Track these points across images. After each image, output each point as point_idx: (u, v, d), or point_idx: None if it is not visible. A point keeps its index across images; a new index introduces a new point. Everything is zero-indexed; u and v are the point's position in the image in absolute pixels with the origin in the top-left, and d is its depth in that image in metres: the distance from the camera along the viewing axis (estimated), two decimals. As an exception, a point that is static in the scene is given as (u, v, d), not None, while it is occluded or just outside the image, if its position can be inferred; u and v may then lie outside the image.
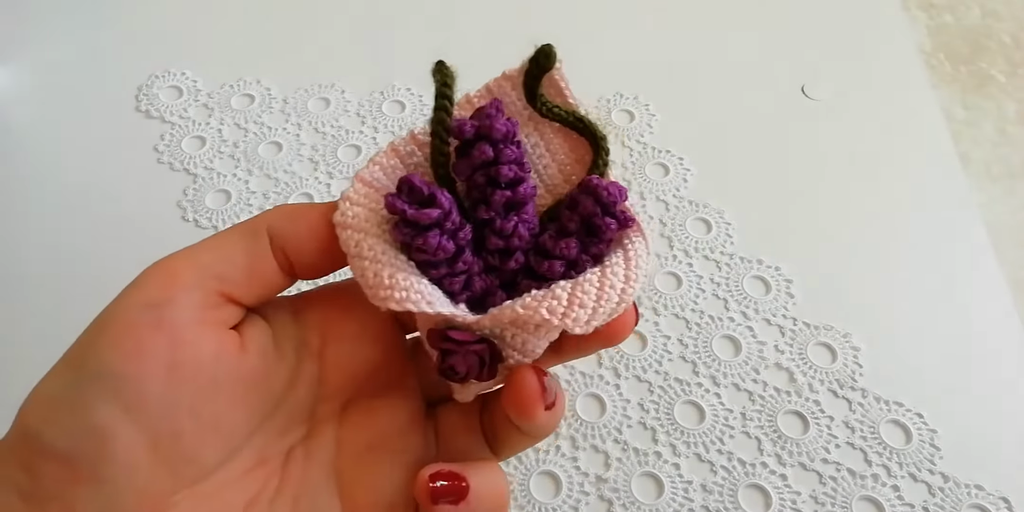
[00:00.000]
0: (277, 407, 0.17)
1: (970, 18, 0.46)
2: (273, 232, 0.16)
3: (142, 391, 0.14)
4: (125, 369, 0.14)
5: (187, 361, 0.15)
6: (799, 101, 0.39)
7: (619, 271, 0.16)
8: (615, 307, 0.15)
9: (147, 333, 0.14)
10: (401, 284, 0.15)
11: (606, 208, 0.16)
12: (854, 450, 0.28)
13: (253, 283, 0.16)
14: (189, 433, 0.15)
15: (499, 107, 0.17)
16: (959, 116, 0.42)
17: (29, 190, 0.36)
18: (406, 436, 0.18)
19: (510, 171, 0.16)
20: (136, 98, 0.39)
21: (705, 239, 0.34)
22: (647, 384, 0.30)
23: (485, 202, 0.17)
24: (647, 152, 0.37)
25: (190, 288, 0.15)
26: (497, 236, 0.17)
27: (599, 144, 0.17)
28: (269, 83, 0.40)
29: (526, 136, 0.18)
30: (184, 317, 0.15)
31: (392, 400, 0.18)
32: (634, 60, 0.41)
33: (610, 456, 0.28)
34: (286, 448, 0.17)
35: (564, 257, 0.16)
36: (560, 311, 0.15)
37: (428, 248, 0.16)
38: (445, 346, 0.16)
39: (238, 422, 0.16)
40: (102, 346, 0.14)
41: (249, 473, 0.16)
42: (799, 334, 0.31)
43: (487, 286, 0.17)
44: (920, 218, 0.35)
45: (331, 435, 0.17)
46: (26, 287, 0.33)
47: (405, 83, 0.40)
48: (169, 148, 0.37)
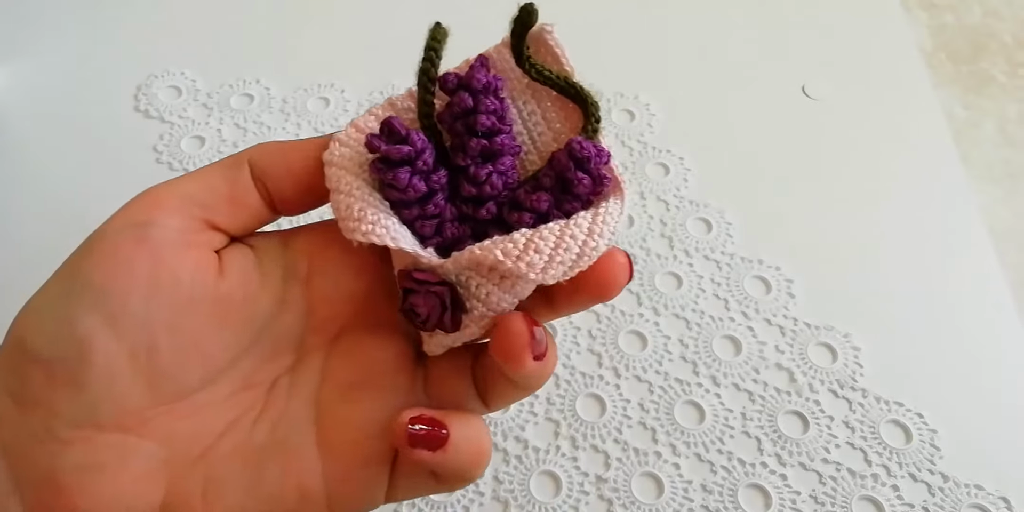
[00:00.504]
0: (263, 332, 0.17)
1: (971, 18, 0.46)
2: (254, 165, 0.17)
3: (122, 304, 0.15)
4: (107, 283, 0.15)
5: (166, 278, 0.15)
6: (799, 101, 0.39)
7: (583, 223, 0.16)
8: (575, 258, 0.15)
9: (130, 250, 0.15)
10: (368, 217, 0.16)
11: (579, 163, 0.16)
12: (854, 450, 0.28)
13: (235, 211, 0.17)
14: (167, 349, 0.15)
15: (484, 62, 0.18)
16: (960, 116, 0.42)
17: (27, 190, 0.36)
18: (392, 376, 0.18)
19: (488, 120, 0.17)
20: (135, 98, 0.39)
21: (705, 239, 0.34)
22: (647, 384, 0.30)
23: (463, 150, 0.17)
24: (647, 152, 0.37)
25: (172, 212, 0.16)
26: (470, 183, 0.17)
27: (588, 107, 0.17)
28: (268, 83, 0.40)
29: (523, 103, 0.18)
30: (166, 237, 0.16)
31: (382, 338, 0.18)
32: (634, 59, 0.41)
33: (610, 456, 0.28)
34: (273, 376, 0.17)
35: (534, 210, 0.16)
36: (515, 254, 0.15)
37: (399, 184, 0.16)
38: (407, 285, 0.16)
39: (220, 343, 0.16)
40: (88, 262, 0.15)
41: (233, 396, 0.17)
42: (799, 334, 0.31)
43: (458, 235, 0.17)
44: (920, 219, 0.35)
45: (317, 367, 0.18)
46: (25, 287, 0.33)
47: (405, 82, 0.40)
48: (168, 148, 0.37)
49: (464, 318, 0.16)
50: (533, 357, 0.16)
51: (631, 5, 0.43)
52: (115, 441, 0.15)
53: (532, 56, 0.18)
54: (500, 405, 0.18)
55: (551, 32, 0.18)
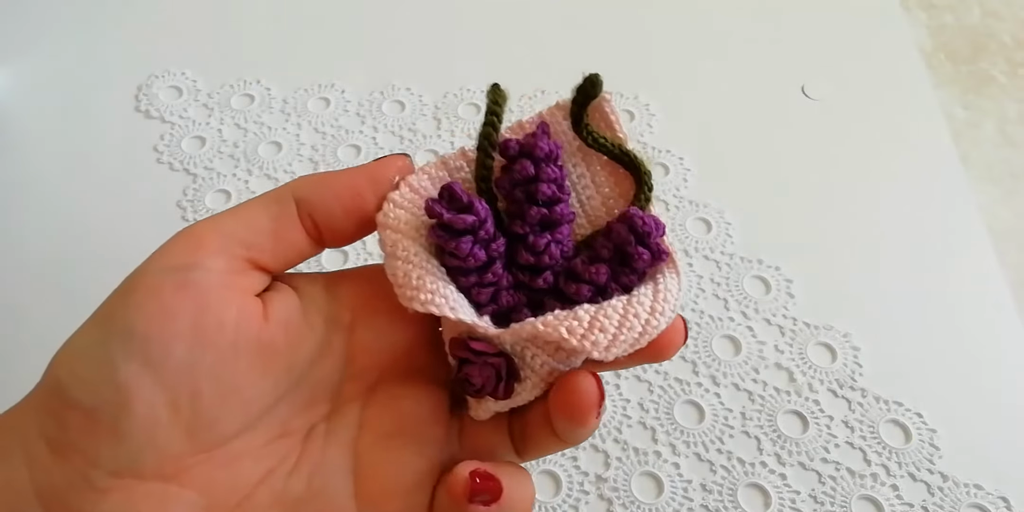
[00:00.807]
0: (302, 380, 0.17)
1: (970, 18, 0.46)
2: (300, 198, 0.17)
3: (165, 351, 0.15)
4: (149, 330, 0.15)
5: (209, 325, 0.15)
6: (799, 101, 0.39)
7: (646, 302, 0.16)
8: (637, 337, 0.15)
9: (172, 295, 0.15)
10: (428, 287, 0.16)
11: (640, 238, 0.16)
12: (853, 449, 0.28)
13: (279, 248, 0.16)
14: (208, 396, 0.15)
15: (545, 129, 0.18)
16: (959, 116, 0.42)
17: (29, 190, 0.36)
18: (429, 427, 0.18)
19: (548, 189, 0.17)
20: (136, 98, 0.39)
21: (705, 239, 0.34)
22: (647, 384, 0.30)
23: (521, 217, 0.17)
24: (647, 152, 0.37)
25: (215, 253, 0.16)
26: (529, 252, 0.17)
27: (643, 178, 0.18)
28: (269, 83, 0.40)
29: (573, 166, 0.18)
30: (209, 281, 0.15)
31: (419, 388, 0.18)
32: (634, 60, 0.41)
33: (610, 455, 0.28)
34: (309, 424, 0.17)
35: (593, 282, 0.16)
36: (580, 332, 0.15)
37: (460, 253, 0.16)
38: (463, 355, 0.16)
39: (259, 390, 0.16)
40: (129, 307, 0.15)
41: (269, 444, 0.16)
42: (799, 334, 0.31)
43: (514, 302, 0.17)
44: (920, 218, 0.35)
45: (355, 416, 0.17)
46: (26, 286, 0.33)
47: (405, 83, 0.40)
48: (169, 148, 0.37)
49: (516, 386, 0.16)
50: (596, 415, 0.16)
51: (631, 5, 0.43)
52: (155, 490, 0.15)
53: (592, 125, 0.18)
54: (535, 457, 0.18)
55: (609, 100, 0.18)
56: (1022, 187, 0.39)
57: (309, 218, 0.17)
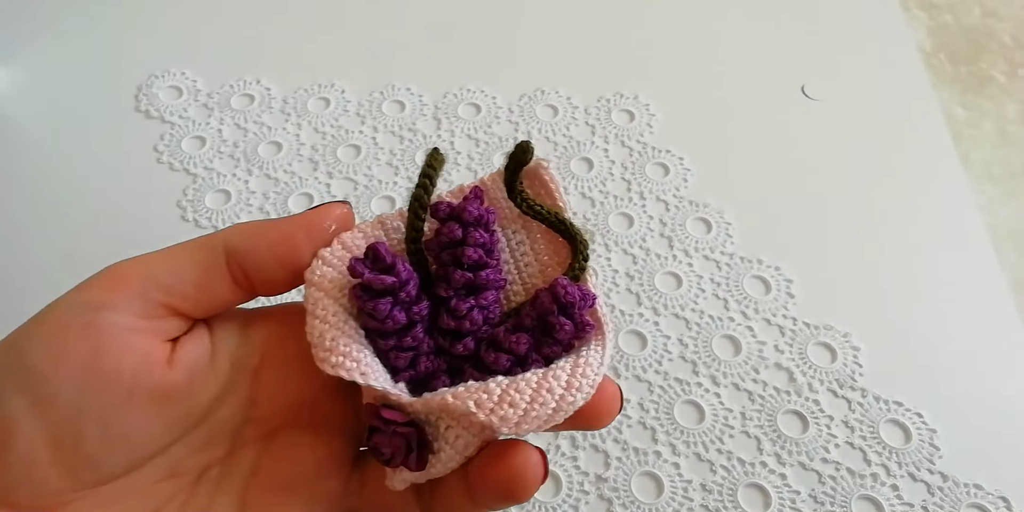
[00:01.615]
0: (200, 422, 0.16)
1: (970, 18, 0.46)
2: (231, 247, 0.16)
3: (54, 391, 0.14)
4: (43, 367, 0.14)
5: (105, 370, 0.15)
6: (799, 101, 0.39)
7: (562, 376, 0.15)
8: (550, 413, 0.15)
9: (75, 335, 0.15)
10: (340, 349, 0.15)
11: (563, 308, 0.16)
12: (853, 449, 0.28)
13: (201, 297, 0.16)
14: (93, 439, 0.15)
15: (478, 194, 0.18)
16: (959, 116, 0.42)
17: (28, 190, 0.36)
18: (324, 480, 0.17)
19: (474, 253, 0.17)
20: (136, 98, 0.39)
21: (705, 239, 0.34)
22: (647, 384, 0.30)
23: (447, 281, 0.17)
24: (647, 152, 0.37)
25: (132, 295, 0.15)
26: (450, 316, 0.17)
27: (578, 246, 0.17)
28: (269, 83, 0.40)
29: (513, 232, 0.18)
30: (117, 323, 0.15)
31: (320, 438, 0.17)
32: (634, 60, 0.41)
33: (610, 455, 0.28)
34: (203, 465, 0.17)
35: (512, 352, 0.16)
36: (489, 406, 0.14)
37: (378, 314, 0.16)
38: (373, 423, 0.16)
39: (151, 435, 0.16)
40: (30, 340, 0.15)
41: (158, 484, 0.16)
42: (799, 334, 0.31)
43: (432, 368, 0.17)
44: (920, 218, 0.35)
45: (249, 461, 0.17)
46: (25, 287, 0.33)
47: (405, 83, 0.40)
48: (169, 148, 0.37)
49: (431, 458, 0.16)
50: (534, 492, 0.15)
51: (631, 4, 0.43)
52: None
53: (526, 189, 0.18)
54: None
55: (547, 167, 0.18)
56: (1022, 187, 0.39)
57: (239, 268, 0.16)
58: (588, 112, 0.39)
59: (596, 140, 0.38)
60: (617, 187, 0.36)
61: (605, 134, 0.38)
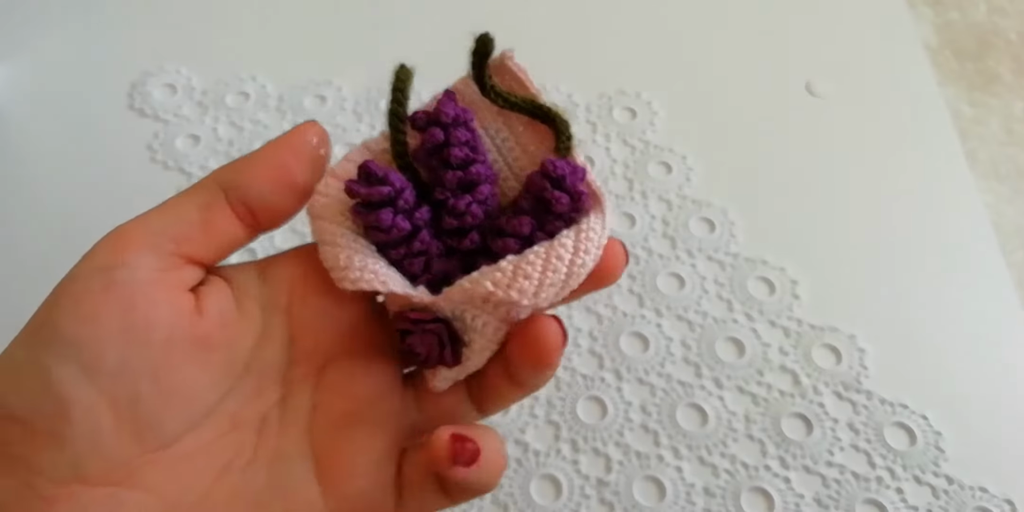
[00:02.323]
0: (247, 369, 0.16)
1: (977, 15, 0.46)
2: (227, 184, 0.16)
3: (98, 354, 0.14)
4: (79, 334, 0.14)
5: (140, 324, 0.15)
6: (803, 98, 0.38)
7: (567, 242, 0.16)
8: (564, 279, 0.15)
9: (98, 297, 0.15)
10: (356, 264, 0.16)
11: (555, 182, 0.16)
12: (858, 453, 0.28)
13: (211, 239, 0.16)
14: (149, 396, 0.15)
15: (451, 96, 0.18)
16: (966, 114, 0.41)
17: (20, 189, 0.36)
18: (384, 401, 0.17)
19: (460, 152, 0.17)
20: (129, 96, 0.39)
21: (708, 239, 0.34)
22: (649, 387, 0.30)
23: (440, 184, 0.17)
24: (649, 150, 0.37)
25: (142, 250, 0.15)
26: (451, 215, 0.17)
27: (559, 126, 0.17)
28: (264, 80, 0.39)
29: (496, 130, 0.18)
30: (135, 279, 0.15)
31: (369, 363, 0.17)
32: (636, 57, 0.40)
33: (611, 459, 0.28)
34: (261, 412, 0.17)
35: (517, 234, 0.16)
36: (505, 283, 0.15)
37: (382, 224, 0.16)
38: (403, 326, 0.16)
39: (201, 386, 0.16)
40: (57, 312, 0.15)
41: (222, 437, 0.16)
42: (804, 336, 0.31)
43: (447, 269, 0.17)
44: (926, 218, 0.34)
45: (307, 399, 0.17)
46: (21, 285, 0.33)
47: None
48: (163, 147, 0.37)
49: (464, 351, 0.16)
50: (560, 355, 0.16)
51: (634, 2, 0.43)
52: (105, 496, 0.14)
53: (497, 84, 0.18)
54: (496, 410, 0.18)
55: (512, 58, 0.18)
56: (1028, 186, 0.38)
57: (241, 203, 0.16)
58: (589, 109, 0.38)
59: (597, 138, 0.37)
60: (619, 186, 0.35)
61: (607, 132, 0.37)
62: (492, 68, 0.18)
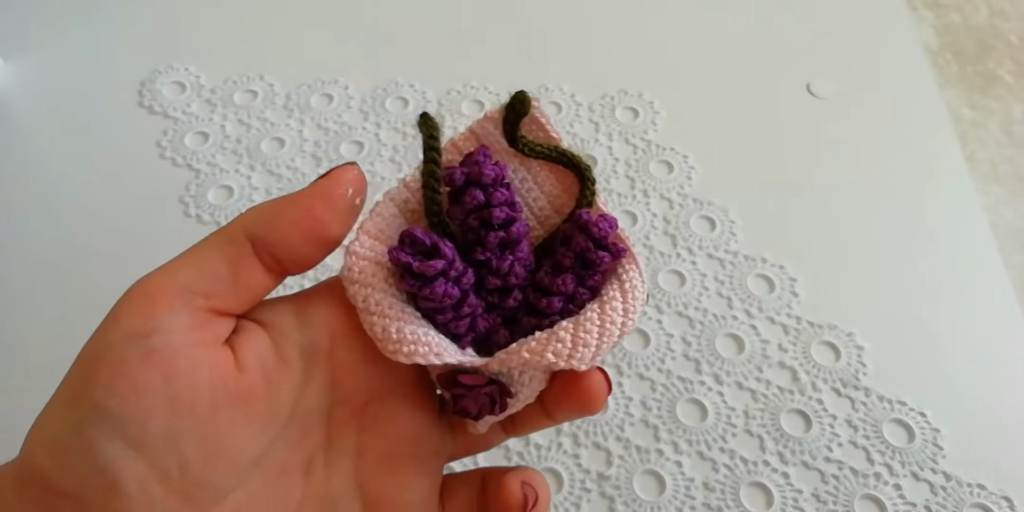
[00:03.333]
0: (291, 416, 0.16)
1: (977, 18, 0.46)
2: (254, 235, 0.16)
3: (143, 428, 0.14)
4: (123, 410, 0.14)
5: (183, 392, 0.14)
6: (804, 99, 0.39)
7: (618, 306, 0.16)
8: (616, 340, 0.16)
9: (139, 369, 0.14)
10: (408, 338, 0.16)
11: (598, 242, 0.17)
12: (856, 449, 0.28)
13: (240, 292, 0.16)
14: (196, 460, 0.15)
15: (486, 153, 0.18)
16: (966, 116, 0.41)
17: (31, 185, 0.36)
18: (427, 439, 0.18)
19: (502, 213, 0.17)
20: (139, 93, 0.39)
21: (709, 237, 0.34)
22: (649, 382, 0.30)
23: (480, 244, 0.17)
24: (651, 149, 0.37)
25: (174, 311, 0.15)
26: (494, 276, 0.17)
27: (584, 174, 0.18)
28: (272, 79, 0.40)
29: (514, 172, 0.19)
30: (173, 344, 0.15)
31: (409, 401, 0.18)
32: (638, 57, 0.41)
33: (612, 453, 0.28)
34: (307, 456, 0.17)
35: (561, 293, 0.17)
36: (566, 353, 0.15)
37: (435, 297, 0.16)
38: (456, 391, 0.16)
39: (247, 441, 0.16)
40: (96, 386, 0.14)
41: (271, 486, 0.16)
42: (803, 333, 0.31)
43: (490, 325, 0.18)
44: (925, 218, 0.35)
45: (351, 441, 0.17)
46: (28, 282, 0.33)
47: (408, 79, 0.40)
48: (172, 143, 0.37)
49: (509, 401, 0.17)
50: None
51: (636, 3, 0.43)
52: None
53: (524, 135, 0.18)
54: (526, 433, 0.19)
55: (538, 106, 0.18)
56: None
57: (268, 254, 0.16)
58: (592, 109, 0.38)
59: (600, 137, 0.37)
60: (621, 184, 0.36)
61: (609, 131, 0.38)
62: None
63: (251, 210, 0.16)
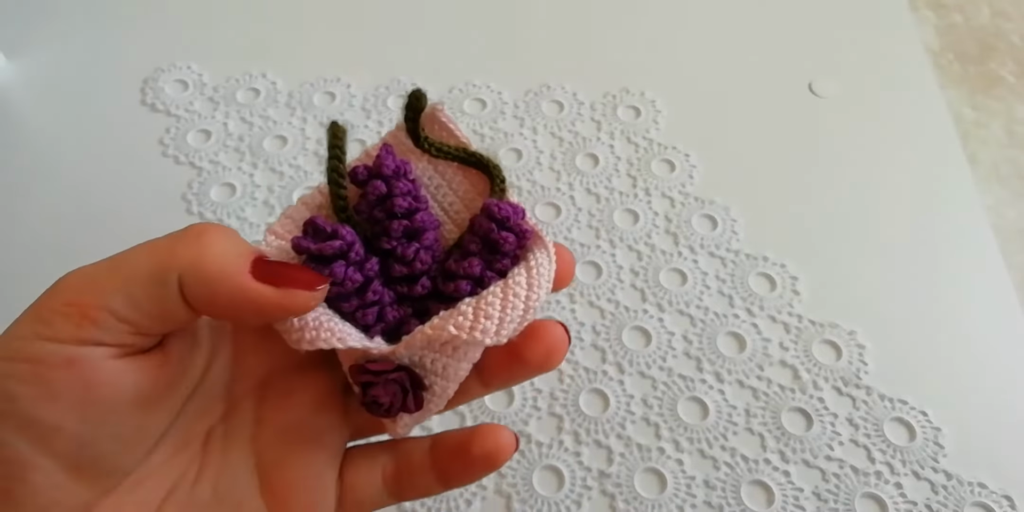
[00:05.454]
0: (195, 392, 0.17)
1: (979, 18, 0.46)
2: (185, 289, 0.15)
3: (56, 430, 0.14)
4: (37, 411, 0.14)
5: (103, 399, 0.14)
6: (806, 99, 0.39)
7: (521, 280, 0.16)
8: (522, 315, 0.16)
9: (60, 374, 0.14)
10: (310, 324, 0.16)
11: (501, 223, 0.17)
12: (857, 447, 0.28)
13: (165, 324, 0.15)
14: (109, 454, 0.15)
15: (388, 149, 0.18)
16: (968, 117, 0.41)
17: (34, 183, 0.36)
18: (325, 413, 0.18)
19: (404, 201, 0.18)
20: (142, 91, 0.39)
21: (711, 236, 0.34)
22: (651, 380, 0.30)
23: (386, 234, 0.18)
24: (653, 148, 0.37)
25: (102, 329, 0.14)
26: (400, 263, 0.18)
27: (491, 172, 0.18)
28: (274, 77, 0.40)
29: (428, 178, 0.19)
30: (97, 355, 0.14)
31: (309, 377, 0.18)
32: (640, 56, 0.41)
33: (613, 451, 0.28)
34: (206, 428, 0.17)
35: (468, 276, 0.17)
36: (467, 325, 0.15)
37: (336, 277, 0.16)
38: (364, 379, 0.16)
39: (159, 424, 0.16)
40: (12, 379, 0.14)
41: (170, 460, 0.16)
42: (804, 331, 0.31)
43: (400, 316, 0.18)
44: (927, 218, 0.35)
45: (250, 413, 0.17)
46: (29, 279, 0.33)
47: (410, 78, 0.40)
48: (174, 141, 0.37)
49: (425, 395, 0.17)
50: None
51: (638, 3, 0.43)
52: None
53: (430, 136, 0.19)
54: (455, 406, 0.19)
55: (442, 110, 0.19)
56: (1029, 187, 0.39)
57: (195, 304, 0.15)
58: (594, 108, 0.39)
59: (602, 136, 0.37)
60: (622, 183, 0.36)
61: (611, 130, 0.38)
62: (423, 120, 0.19)
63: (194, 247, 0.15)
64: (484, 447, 0.17)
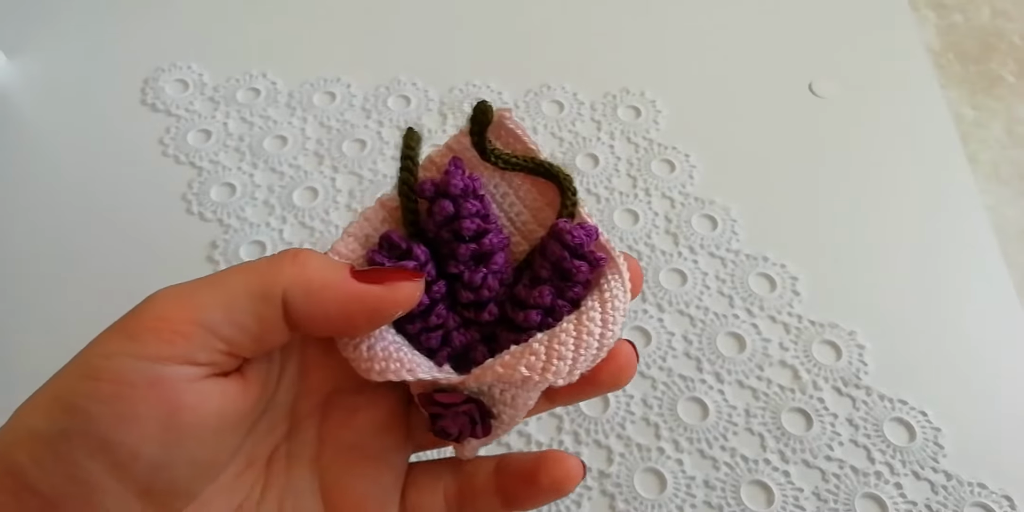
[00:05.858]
0: (263, 412, 0.17)
1: (980, 18, 0.46)
2: (291, 305, 0.15)
3: (134, 455, 0.13)
4: (115, 433, 0.13)
5: (186, 425, 0.14)
6: (806, 99, 0.39)
7: (595, 316, 0.15)
8: (596, 353, 0.15)
9: (144, 395, 0.13)
10: (380, 355, 0.15)
11: (573, 251, 0.16)
12: (857, 448, 0.28)
13: (261, 346, 0.15)
14: (183, 479, 0.15)
15: (457, 164, 0.17)
16: (968, 117, 0.41)
17: (35, 182, 0.36)
18: (388, 432, 0.18)
19: (472, 224, 0.17)
20: (142, 91, 0.39)
21: (711, 236, 0.34)
22: (651, 380, 0.30)
23: (453, 257, 0.17)
24: (653, 148, 0.37)
25: (194, 346, 0.14)
26: (467, 289, 0.17)
27: (563, 185, 0.17)
28: (275, 77, 0.40)
29: (494, 186, 0.18)
30: (185, 376, 0.14)
31: (373, 395, 0.18)
32: (640, 56, 0.41)
33: (613, 451, 0.28)
34: (271, 447, 0.17)
35: (539, 306, 0.16)
36: (539, 366, 0.15)
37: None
38: (433, 410, 0.16)
39: (234, 446, 0.16)
40: (94, 399, 0.13)
41: (236, 479, 0.16)
42: (804, 331, 0.31)
43: (467, 341, 0.17)
44: (927, 218, 0.35)
45: (313, 432, 0.17)
46: (30, 279, 0.33)
47: (411, 78, 0.40)
48: (175, 141, 0.37)
49: (493, 423, 0.16)
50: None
51: (638, 2, 0.43)
52: None
53: (497, 147, 0.18)
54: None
55: (510, 116, 0.18)
56: (1029, 187, 0.39)
57: (294, 321, 0.15)
58: (594, 108, 0.39)
59: (602, 136, 0.37)
60: (623, 183, 0.36)
61: (611, 130, 0.38)
62: (490, 127, 0.18)
63: (294, 266, 0.15)
64: (552, 476, 0.17)
